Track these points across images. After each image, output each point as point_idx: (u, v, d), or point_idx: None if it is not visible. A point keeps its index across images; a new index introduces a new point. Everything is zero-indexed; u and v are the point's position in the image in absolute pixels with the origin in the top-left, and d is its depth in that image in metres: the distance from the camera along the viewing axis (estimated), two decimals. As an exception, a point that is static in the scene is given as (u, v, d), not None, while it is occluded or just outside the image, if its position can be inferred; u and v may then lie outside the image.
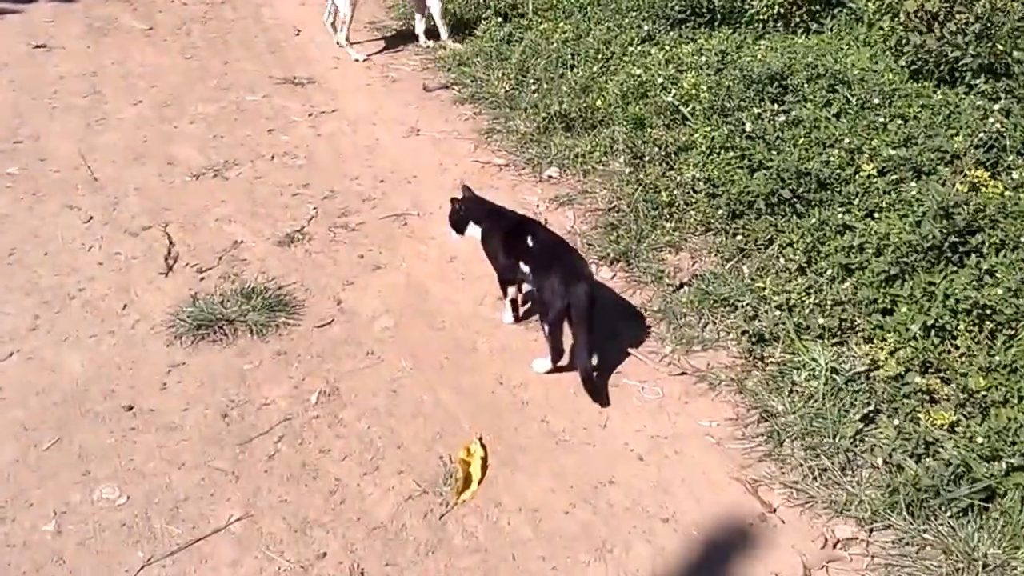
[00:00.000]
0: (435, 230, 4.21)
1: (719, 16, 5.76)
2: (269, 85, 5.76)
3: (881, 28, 5.36)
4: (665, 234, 4.03)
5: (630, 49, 5.45)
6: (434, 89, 5.64)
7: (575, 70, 5.34)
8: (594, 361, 3.21)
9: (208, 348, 3.45)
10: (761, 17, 5.66)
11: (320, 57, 6.22)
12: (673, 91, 4.77)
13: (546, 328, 3.22)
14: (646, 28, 5.66)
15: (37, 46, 6.35)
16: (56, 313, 3.65)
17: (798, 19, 5.69)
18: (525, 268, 3.28)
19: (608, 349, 3.38)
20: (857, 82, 4.62)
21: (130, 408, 3.17)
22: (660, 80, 4.86)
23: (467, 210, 3.44)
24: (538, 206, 4.39)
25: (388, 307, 3.70)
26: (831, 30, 5.62)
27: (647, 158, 4.46)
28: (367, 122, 5.27)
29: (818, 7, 5.69)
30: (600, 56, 5.38)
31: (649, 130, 4.65)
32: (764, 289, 3.52)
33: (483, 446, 3.02)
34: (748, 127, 4.17)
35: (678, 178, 4.20)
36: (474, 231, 3.44)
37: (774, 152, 4.06)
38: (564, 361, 3.26)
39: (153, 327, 3.56)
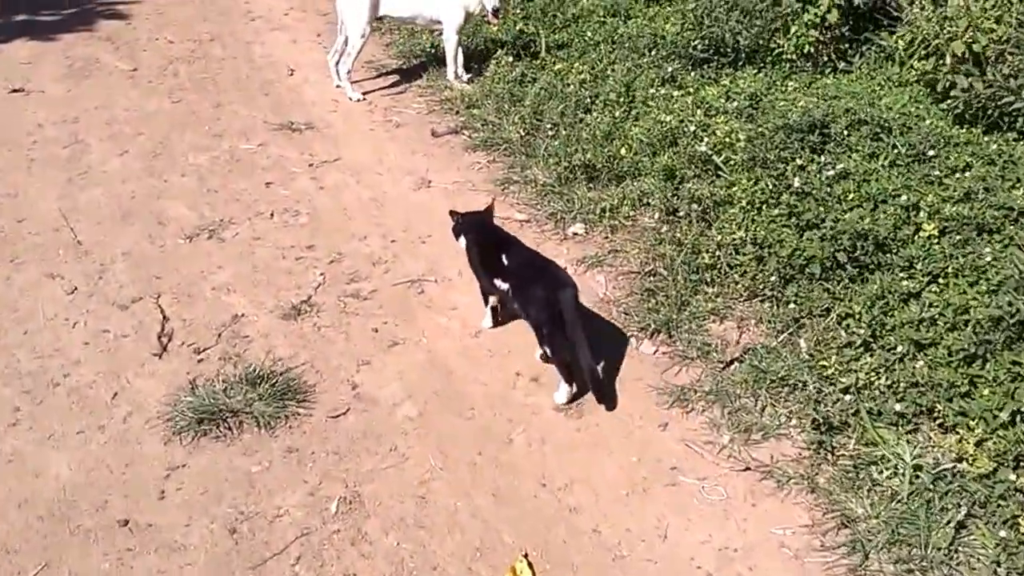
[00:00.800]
0: (455, 298, 3.85)
1: (743, 55, 5.47)
2: (264, 131, 5.40)
3: (913, 68, 5.08)
4: (708, 300, 3.70)
5: (652, 91, 5.14)
6: (443, 135, 5.30)
7: (595, 114, 5.01)
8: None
9: (211, 446, 3.07)
10: (789, 56, 5.37)
11: (317, 99, 5.87)
12: (706, 140, 4.45)
13: (547, 349, 3.25)
14: (668, 69, 5.34)
15: (14, 90, 5.96)
16: (39, 404, 3.26)
17: (825, 58, 5.40)
18: (503, 285, 3.38)
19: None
20: (899, 128, 4.32)
21: (126, 523, 2.78)
22: (692, 128, 4.54)
23: (460, 224, 3.60)
24: (565, 268, 4.04)
25: (409, 391, 3.33)
26: (860, 69, 5.34)
27: (681, 213, 4.14)
28: (372, 172, 4.91)
29: (846, 45, 5.41)
30: (621, 100, 5.05)
31: (682, 182, 4.33)
32: (827, 367, 3.18)
33: (530, 565, 2.65)
34: (795, 183, 3.84)
35: (719, 237, 3.87)
36: (462, 243, 3.60)
37: (822, 208, 3.74)
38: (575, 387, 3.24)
39: (148, 420, 3.18)
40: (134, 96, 5.89)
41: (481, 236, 3.53)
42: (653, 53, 5.66)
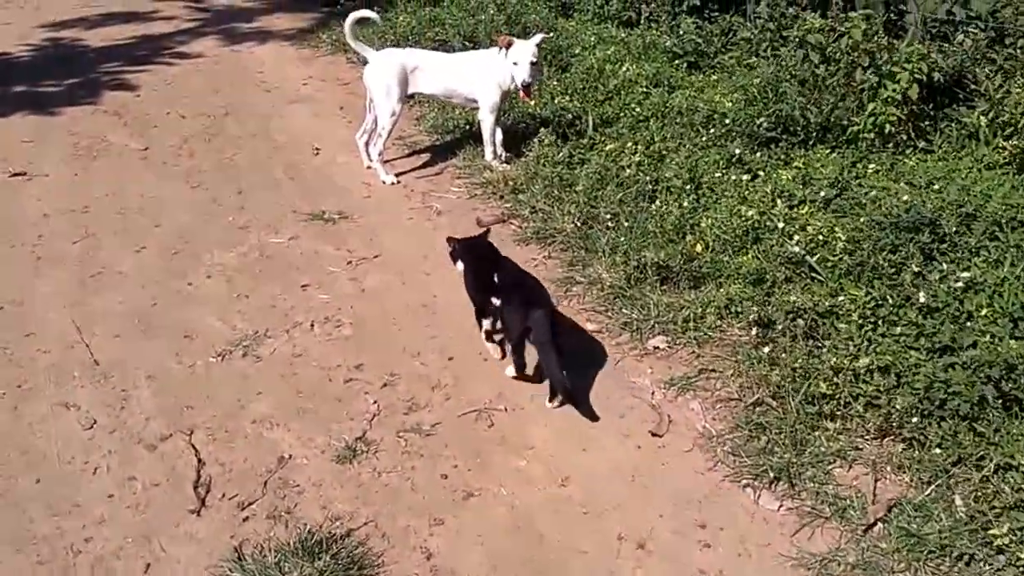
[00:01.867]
0: (532, 432, 3.36)
1: (813, 134, 5.06)
2: (294, 222, 4.92)
3: (1001, 147, 4.69)
4: (830, 439, 3.21)
5: (718, 175, 4.71)
6: (489, 224, 4.83)
7: (658, 202, 4.57)
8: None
9: (266, 643, 2.54)
10: (865, 135, 4.97)
11: (348, 183, 5.41)
12: (796, 237, 4.01)
13: (512, 351, 3.59)
14: (733, 149, 4.92)
15: (15, 174, 5.47)
16: (55, 584, 2.73)
17: (904, 136, 5.00)
18: (497, 301, 3.63)
19: None
20: (1010, 223, 3.90)
21: None
22: (779, 224, 4.10)
23: (457, 250, 3.85)
24: (653, 393, 3.56)
25: (495, 562, 2.81)
26: (941, 148, 4.94)
27: (779, 327, 3.67)
28: (418, 271, 4.43)
29: (926, 122, 5.02)
30: (687, 186, 4.62)
31: (773, 287, 3.88)
32: (997, 536, 2.70)
33: None
34: (921, 297, 3.39)
35: (833, 360, 3.40)
36: (459, 267, 3.85)
37: (955, 328, 3.28)
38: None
39: (189, 608, 2.65)
40: (148, 180, 5.41)
41: (476, 261, 3.81)
42: (711, 131, 5.24)
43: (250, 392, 3.57)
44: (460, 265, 3.83)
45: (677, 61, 6.55)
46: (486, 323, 3.82)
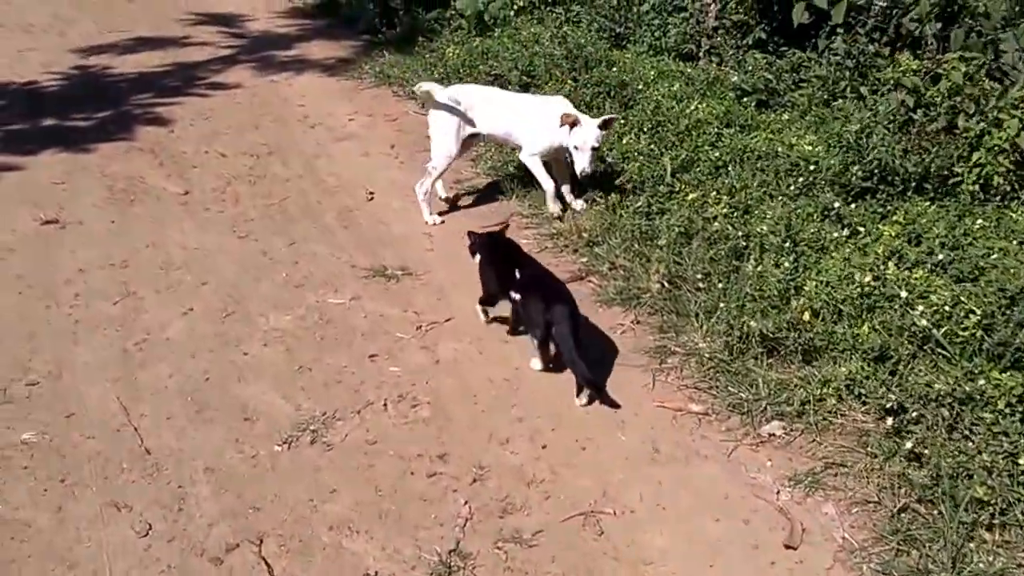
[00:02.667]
0: (646, 541, 2.95)
1: (912, 184, 4.66)
2: (353, 278, 4.53)
3: None
4: (990, 554, 2.80)
5: (813, 229, 4.31)
6: (566, 282, 4.44)
7: (752, 261, 4.16)
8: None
9: None
10: (969, 187, 4.57)
11: (406, 232, 5.02)
12: (920, 308, 3.60)
13: (534, 342, 3.74)
14: (828, 201, 4.51)
15: (47, 222, 5.09)
16: None
17: (1008, 187, 4.60)
18: (516, 296, 3.82)
19: None
20: None
21: None
22: (901, 293, 3.69)
23: (475, 244, 4.11)
24: (777, 493, 3.15)
25: None
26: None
27: (913, 413, 3.26)
28: (494, 338, 4.04)
29: (1035, 173, 4.62)
30: (785, 243, 4.21)
31: (898, 365, 3.47)
32: None
33: None
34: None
35: (986, 459, 2.99)
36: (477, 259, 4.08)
37: None
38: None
39: None
40: (191, 230, 5.03)
41: (495, 255, 4.02)
42: (798, 179, 4.83)
43: (323, 489, 3.17)
44: (479, 258, 4.09)
45: (746, 99, 6.16)
46: (492, 311, 4.12)
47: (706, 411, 3.55)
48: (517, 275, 3.83)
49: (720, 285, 4.10)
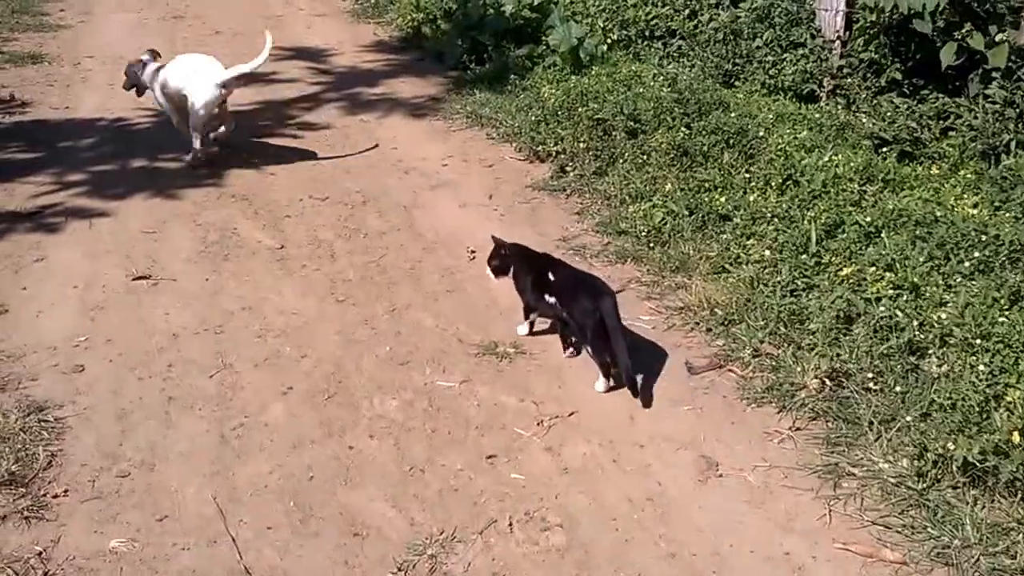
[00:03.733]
0: None
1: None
2: (463, 355, 4.13)
3: None
4: None
5: (1003, 320, 3.72)
6: (703, 371, 3.97)
7: (934, 356, 3.62)
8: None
9: None
10: None
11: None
12: None
13: (588, 348, 3.79)
14: (1018, 284, 3.93)
15: (138, 277, 4.82)
16: None
17: None
18: (551, 299, 3.90)
19: None
20: None
21: None
22: None
23: (506, 254, 4.12)
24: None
25: None
26: None
27: None
28: (628, 440, 3.57)
29: None
30: (976, 338, 3.63)
31: None
32: None
33: None
34: None
35: None
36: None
37: None
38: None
39: None
40: (287, 291, 4.70)
41: (529, 262, 4.09)
42: (972, 252, 4.22)
43: (447, 632, 2.75)
44: (513, 269, 4.12)
45: (885, 149, 5.61)
46: (533, 315, 4.20)
47: (904, 560, 2.98)
48: (551, 277, 3.94)
49: (897, 388, 3.55)
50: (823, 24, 6.82)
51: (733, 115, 5.91)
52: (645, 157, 5.73)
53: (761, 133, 5.73)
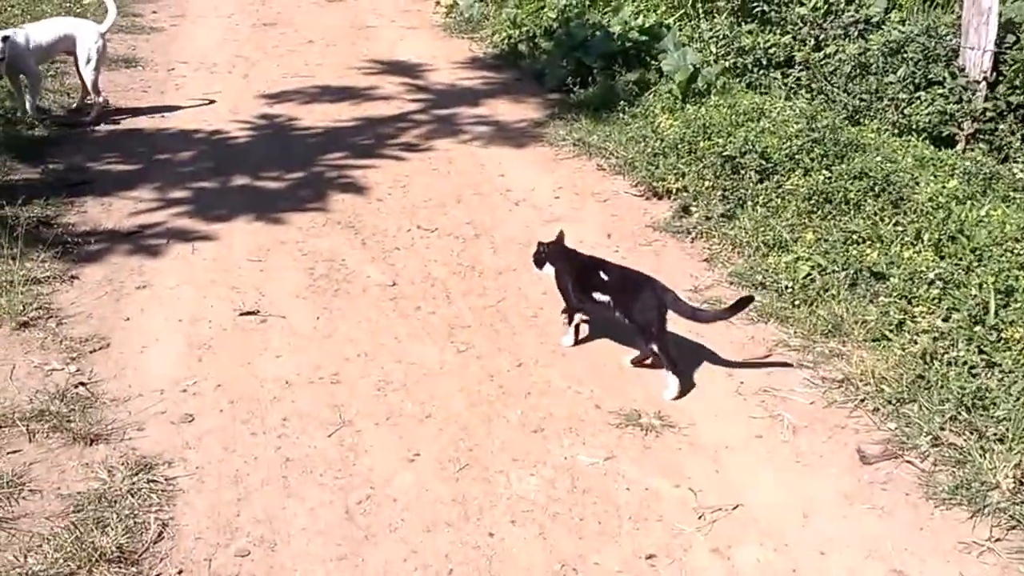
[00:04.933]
0: None
1: None
2: (602, 424, 3.75)
3: None
4: None
5: None
6: (877, 460, 3.53)
7: None
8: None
9: None
10: None
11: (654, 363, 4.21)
12: None
13: (654, 347, 3.89)
14: None
15: (245, 312, 4.54)
16: None
17: None
18: (604, 298, 3.98)
19: None
20: None
21: None
22: None
23: (547, 253, 4.24)
24: None
25: None
26: None
27: None
28: (807, 548, 3.14)
29: None
30: None
31: None
32: None
33: None
34: None
35: None
36: (548, 270, 4.23)
37: None
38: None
39: None
40: (404, 336, 4.37)
41: (573, 262, 4.17)
42: None
43: None
44: (548, 268, 4.22)
45: (1049, 203, 5.10)
46: (578, 316, 4.22)
47: None
48: (603, 276, 4.01)
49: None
50: (967, 63, 6.30)
51: (877, 158, 5.44)
52: (780, 201, 5.30)
53: (908, 180, 5.26)
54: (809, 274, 4.64)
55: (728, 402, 3.91)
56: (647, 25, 8.10)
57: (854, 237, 4.86)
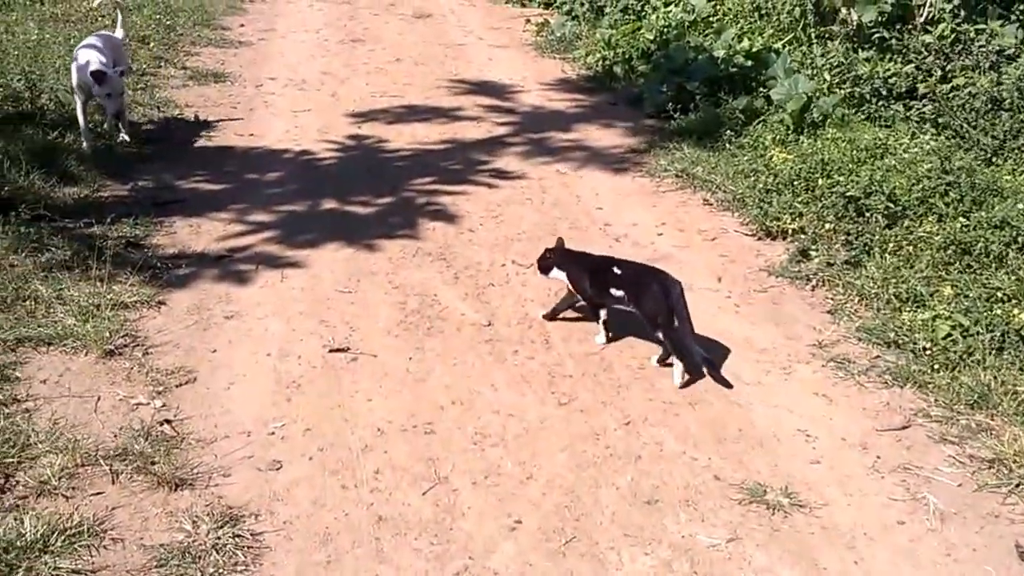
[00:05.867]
0: None
1: None
2: (721, 499, 3.40)
3: None
4: None
5: None
6: (1040, 563, 3.10)
7: None
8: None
9: None
10: None
11: (775, 427, 3.85)
12: None
13: (660, 335, 4.06)
14: None
15: (335, 349, 4.31)
16: None
17: None
18: (618, 292, 4.13)
19: None
20: None
21: None
22: None
23: (554, 258, 4.37)
24: None
25: None
26: None
27: None
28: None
29: None
30: None
31: None
32: None
33: None
34: None
35: None
36: (559, 274, 4.37)
37: None
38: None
39: None
40: (501, 384, 4.09)
41: (585, 262, 4.34)
42: None
43: None
44: (556, 272, 4.34)
45: None
46: (603, 313, 4.30)
47: None
48: (617, 271, 4.17)
49: None
50: (1115, 100, 5.76)
51: (1019, 205, 4.96)
52: (912, 249, 4.87)
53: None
54: (949, 334, 4.20)
55: (864, 480, 3.51)
56: (754, 49, 7.72)
57: (998, 295, 4.40)
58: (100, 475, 3.38)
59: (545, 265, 4.41)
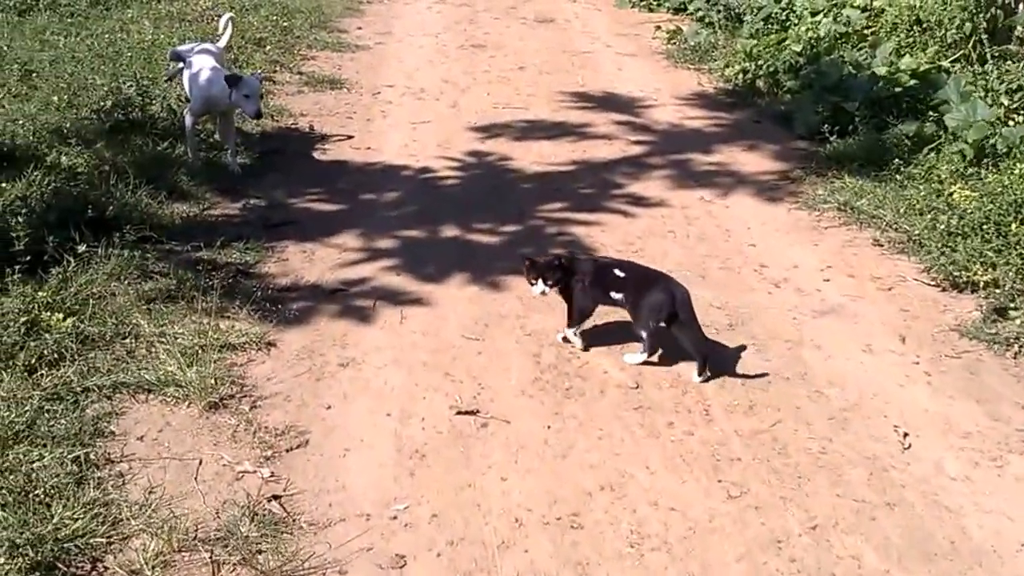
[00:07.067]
0: None
1: None
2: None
3: None
4: None
5: None
6: None
7: None
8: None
9: None
10: None
11: (989, 534, 3.12)
12: None
13: (642, 332, 3.99)
14: None
15: (463, 412, 3.78)
16: None
17: None
18: (618, 296, 4.02)
19: None
20: None
21: None
22: None
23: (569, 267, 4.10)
24: None
25: None
26: None
27: None
28: None
29: None
30: None
31: None
32: None
33: None
34: None
35: None
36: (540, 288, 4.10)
37: None
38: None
39: None
40: (657, 465, 3.48)
41: (586, 268, 4.14)
42: None
43: None
44: (540, 286, 4.05)
45: None
46: (588, 323, 4.18)
47: None
48: (619, 273, 4.05)
49: None
50: None
51: None
52: None
53: None
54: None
55: None
56: (920, 68, 6.85)
57: None
58: (199, 564, 2.93)
59: (553, 280, 4.08)
